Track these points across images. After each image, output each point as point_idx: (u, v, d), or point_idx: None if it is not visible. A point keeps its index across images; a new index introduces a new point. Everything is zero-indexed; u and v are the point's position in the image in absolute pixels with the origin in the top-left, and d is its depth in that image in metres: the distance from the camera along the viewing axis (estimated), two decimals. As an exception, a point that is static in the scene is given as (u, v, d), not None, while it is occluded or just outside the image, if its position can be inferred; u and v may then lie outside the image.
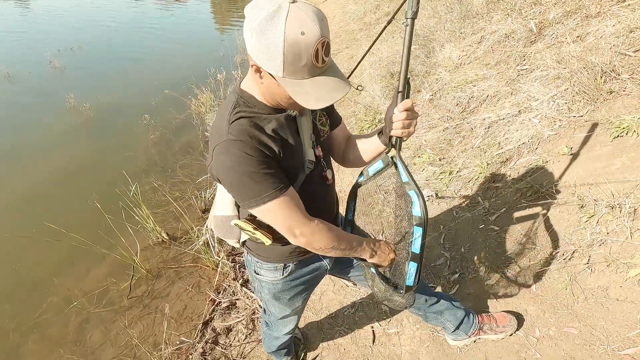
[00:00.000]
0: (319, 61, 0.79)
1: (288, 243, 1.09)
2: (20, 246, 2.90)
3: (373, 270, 1.20)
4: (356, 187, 1.19)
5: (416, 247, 0.99)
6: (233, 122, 0.89)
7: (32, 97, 5.40)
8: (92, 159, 3.97)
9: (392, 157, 1.05)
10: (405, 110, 0.95)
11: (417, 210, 0.96)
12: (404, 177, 1.00)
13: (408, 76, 0.95)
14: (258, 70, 0.84)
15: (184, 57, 6.87)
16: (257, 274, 1.22)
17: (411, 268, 1.02)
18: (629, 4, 2.34)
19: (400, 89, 0.95)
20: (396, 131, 0.98)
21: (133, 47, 7.63)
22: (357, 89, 0.97)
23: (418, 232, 0.97)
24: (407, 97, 0.96)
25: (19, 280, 2.64)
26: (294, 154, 0.98)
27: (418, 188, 0.97)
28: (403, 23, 0.91)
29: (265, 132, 0.91)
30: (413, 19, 0.89)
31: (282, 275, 1.19)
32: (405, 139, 1.01)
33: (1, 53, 7.24)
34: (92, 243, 2.68)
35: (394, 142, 1.02)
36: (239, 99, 0.94)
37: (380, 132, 1.09)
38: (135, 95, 5.36)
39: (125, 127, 4.53)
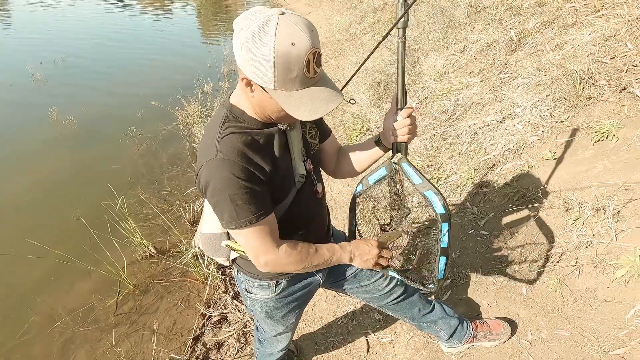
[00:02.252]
0: (311, 72, 0.78)
1: None
2: (0, 264, 2.79)
3: (392, 273, 1.17)
4: (355, 197, 1.18)
5: (445, 242, 1.02)
6: (223, 137, 0.88)
7: (13, 110, 5.28)
8: (76, 172, 3.88)
9: (396, 163, 1.05)
10: (409, 115, 0.97)
11: (440, 208, 0.97)
12: (416, 180, 1.01)
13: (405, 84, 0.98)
14: (249, 83, 0.83)
15: (170, 68, 6.84)
16: (249, 292, 1.19)
17: (441, 262, 1.04)
18: (603, 14, 2.43)
19: (399, 97, 0.98)
20: (402, 137, 0.99)
21: (118, 58, 7.57)
22: (349, 102, 0.98)
23: (445, 227, 0.99)
24: (406, 103, 0.98)
25: (0, 299, 2.54)
26: (285, 169, 0.97)
27: (435, 187, 0.98)
28: (399, 39, 0.95)
29: (256, 148, 0.90)
30: (404, 28, 0.94)
31: (275, 292, 1.16)
32: (409, 142, 1.02)
33: (-20, 66, 7.08)
34: (77, 259, 2.60)
35: (399, 148, 1.03)
36: (229, 114, 0.92)
37: (377, 141, 1.09)
38: (121, 107, 5.29)
39: (111, 140, 4.46)
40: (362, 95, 3.81)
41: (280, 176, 0.95)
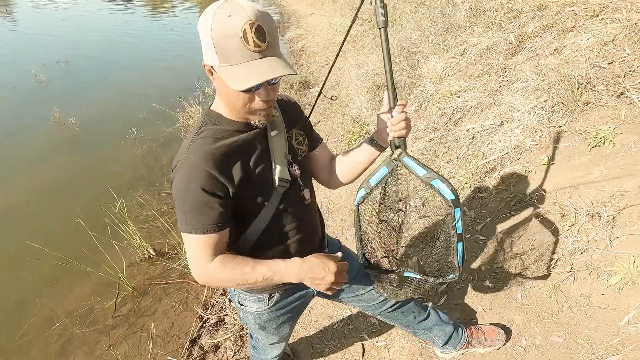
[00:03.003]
0: (250, 43, 0.77)
1: None
2: (0, 266, 2.81)
3: (409, 273, 1.13)
4: (358, 204, 1.12)
5: (459, 228, 1.00)
6: (195, 141, 0.90)
7: (16, 111, 5.32)
8: (76, 174, 3.91)
9: (396, 159, 1.03)
10: (404, 110, 0.97)
11: (449, 194, 0.96)
12: (420, 171, 0.99)
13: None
14: (209, 70, 0.86)
15: (171, 70, 6.87)
16: (242, 304, 1.19)
17: (459, 248, 1.02)
18: (602, 19, 2.43)
19: (390, 95, 0.98)
20: (400, 132, 0.98)
21: (120, 60, 7.61)
22: (330, 98, 0.98)
23: (458, 213, 0.98)
24: (396, 99, 0.98)
25: (-1, 301, 2.56)
26: (262, 173, 0.97)
27: (440, 175, 0.98)
28: (381, 40, 0.95)
29: (228, 153, 0.90)
30: (385, 27, 0.94)
31: (268, 305, 1.16)
32: (406, 136, 1.01)
33: (-16, 67, 7.14)
34: (76, 261, 2.62)
35: (397, 143, 1.01)
36: (206, 118, 0.95)
37: (372, 141, 1.09)
38: (122, 108, 5.32)
39: (112, 141, 4.48)
40: (362, 98, 3.81)
41: (255, 182, 0.95)
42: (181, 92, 5.01)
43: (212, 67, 0.83)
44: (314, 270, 0.93)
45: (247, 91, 0.83)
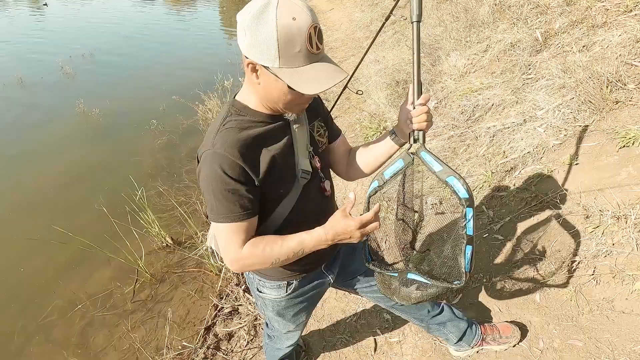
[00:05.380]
0: (314, 47, 0.79)
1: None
2: (26, 249, 2.93)
3: (412, 275, 1.10)
4: (370, 196, 1.10)
5: (470, 229, 0.96)
6: (221, 131, 0.91)
7: (43, 102, 5.51)
8: (99, 163, 4.03)
9: (413, 153, 1.01)
10: (426, 102, 0.97)
11: (463, 193, 0.93)
12: (437, 167, 0.97)
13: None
14: (254, 69, 0.84)
15: (192, 64, 6.97)
16: (260, 292, 1.21)
17: (467, 252, 0.98)
18: (635, 14, 2.33)
19: (415, 85, 0.97)
20: (420, 124, 0.97)
21: (142, 53, 7.77)
22: (357, 93, 0.98)
23: (470, 213, 0.94)
24: (421, 92, 0.97)
25: (24, 282, 2.67)
26: (285, 164, 0.98)
27: (456, 172, 0.96)
28: (413, 32, 0.94)
29: (253, 143, 0.91)
30: (418, 22, 0.93)
31: (286, 292, 1.18)
32: (427, 130, 1.00)
33: (15, 58, 7.41)
34: (98, 247, 2.71)
35: (416, 137, 1.00)
36: (231, 109, 0.95)
37: (393, 135, 1.08)
38: (144, 100, 5.44)
39: (133, 132, 4.60)
40: (380, 94, 3.78)
41: (279, 171, 0.95)
42: (201, 85, 5.09)
43: (265, 66, 0.81)
44: (339, 235, 0.93)
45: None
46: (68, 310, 2.46)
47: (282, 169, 0.97)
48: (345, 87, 1.15)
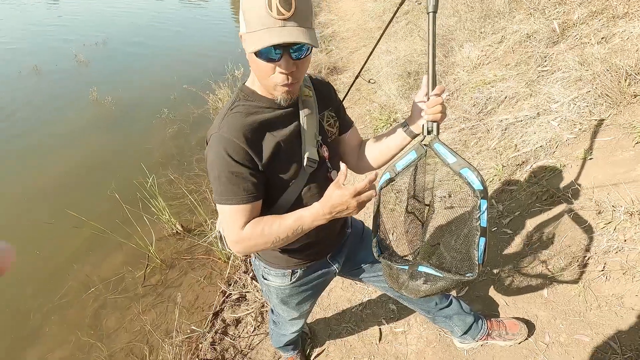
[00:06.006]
0: (273, 10, 0.76)
1: (296, 250, 1.10)
2: (42, 232, 3.02)
3: (423, 268, 1.08)
4: (381, 188, 1.06)
5: (484, 221, 0.94)
6: (228, 116, 0.92)
7: (57, 89, 5.59)
8: (112, 150, 4.10)
9: (426, 145, 0.99)
10: (441, 93, 0.95)
11: (477, 184, 0.92)
12: (450, 159, 0.95)
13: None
14: (242, 40, 0.85)
15: (203, 53, 6.98)
16: (265, 278, 1.23)
17: (481, 244, 0.96)
18: (658, 5, 2.25)
19: (430, 76, 0.96)
20: (435, 115, 0.95)
21: (154, 42, 7.80)
22: (369, 82, 0.97)
23: (484, 204, 0.93)
24: (435, 83, 0.96)
25: (40, 265, 2.75)
26: (291, 151, 0.98)
27: (470, 164, 0.94)
28: (429, 23, 0.93)
29: (259, 128, 0.92)
30: (434, 12, 0.91)
31: (290, 281, 1.20)
32: (441, 122, 0.99)
33: (31, 46, 7.51)
34: (110, 232, 2.78)
35: (429, 128, 0.98)
36: (240, 94, 0.96)
37: (405, 127, 1.06)
38: (155, 89, 5.48)
39: (145, 121, 4.65)
40: (391, 85, 3.74)
41: (284, 159, 0.96)
42: (211, 74, 5.10)
43: (241, 35, 0.84)
44: (335, 208, 0.88)
45: (268, 61, 0.82)
46: (82, 292, 2.53)
47: (288, 155, 0.97)
48: (358, 75, 1.14)
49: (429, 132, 0.99)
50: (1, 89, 5.55)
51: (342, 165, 0.88)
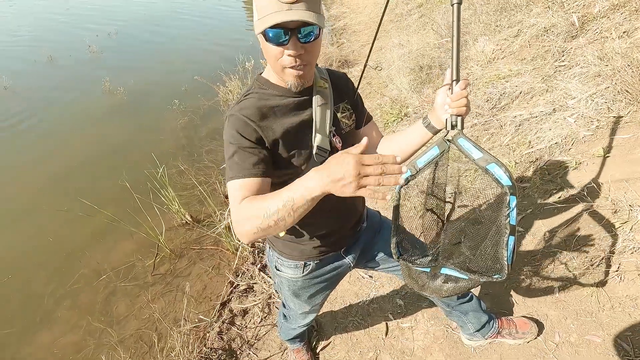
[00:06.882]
0: None
1: (309, 241, 1.10)
2: (55, 219, 3.07)
3: (446, 270, 1.04)
4: (401, 186, 1.01)
5: (513, 219, 0.91)
6: (243, 100, 0.96)
7: (71, 79, 5.66)
8: (124, 140, 4.14)
9: (450, 140, 0.96)
10: (466, 87, 0.92)
11: (506, 180, 0.88)
12: (476, 154, 0.92)
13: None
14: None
15: (214, 45, 6.97)
16: (278, 270, 1.23)
17: (510, 243, 0.91)
18: (684, -2, 2.17)
19: (454, 69, 0.93)
20: (460, 109, 0.92)
21: (166, 33, 7.82)
22: (375, 69, 0.94)
23: (514, 201, 0.90)
24: (459, 77, 0.93)
25: (52, 251, 2.81)
26: (301, 139, 0.98)
27: (497, 159, 0.91)
28: (454, 14, 0.91)
29: (270, 113, 0.95)
30: (459, 4, 0.90)
31: (302, 273, 1.19)
32: (465, 116, 0.95)
33: (46, 37, 7.60)
34: (121, 220, 2.81)
35: (454, 122, 0.94)
36: (255, 82, 1.00)
37: (426, 121, 1.02)
38: (166, 80, 5.51)
39: (156, 111, 4.68)
40: (403, 79, 3.69)
41: (293, 145, 0.97)
42: (222, 66, 5.10)
43: (254, 24, 0.87)
44: (331, 171, 0.72)
45: (277, 45, 0.84)
46: (93, 279, 2.58)
47: (297, 142, 0.98)
48: (366, 64, 1.12)
49: (453, 127, 0.95)
50: (17, 78, 5.64)
51: (364, 139, 0.77)
